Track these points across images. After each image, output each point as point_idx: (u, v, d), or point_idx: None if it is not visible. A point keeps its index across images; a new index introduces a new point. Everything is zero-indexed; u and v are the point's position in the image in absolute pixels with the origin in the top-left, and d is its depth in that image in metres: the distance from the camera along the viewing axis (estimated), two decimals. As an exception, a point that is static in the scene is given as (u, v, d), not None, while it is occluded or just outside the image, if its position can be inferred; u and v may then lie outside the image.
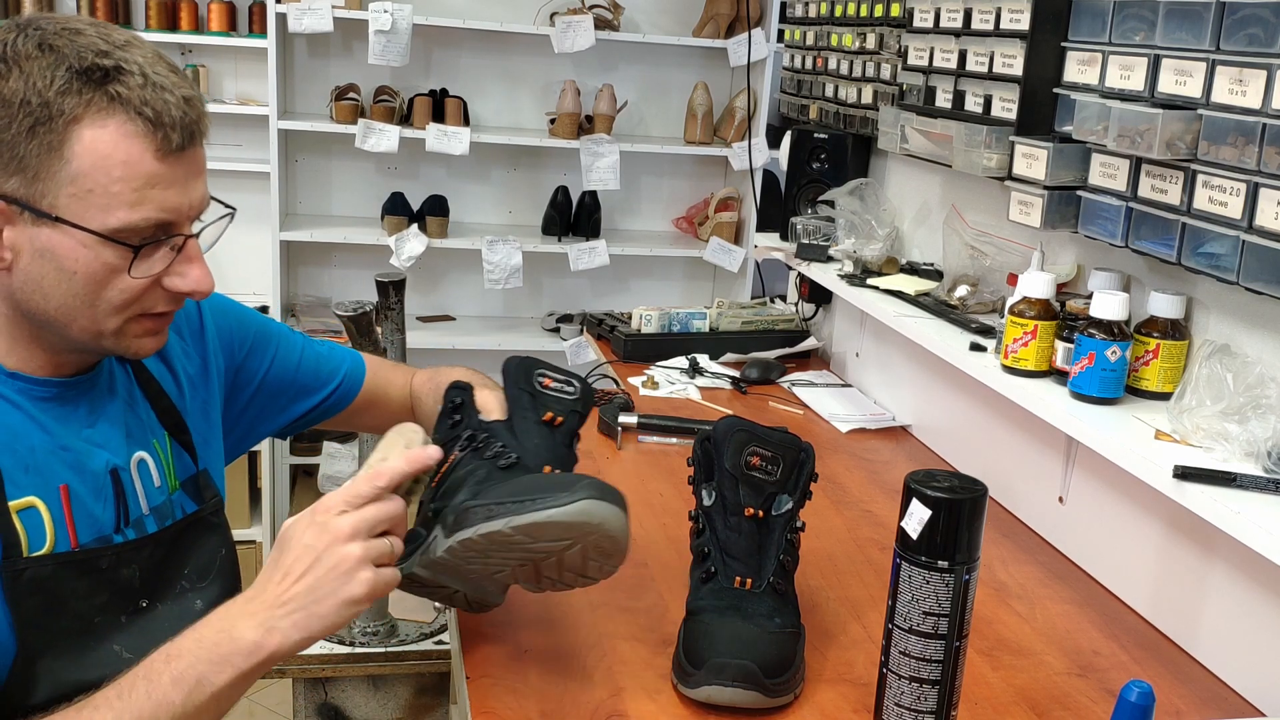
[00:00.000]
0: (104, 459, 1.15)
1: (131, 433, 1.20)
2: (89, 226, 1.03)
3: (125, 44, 1.05)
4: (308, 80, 3.76)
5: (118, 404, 1.19)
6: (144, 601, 1.16)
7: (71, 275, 1.05)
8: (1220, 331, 1.46)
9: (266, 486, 3.69)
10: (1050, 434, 1.69)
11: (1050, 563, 1.67)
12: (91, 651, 1.11)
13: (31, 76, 1.01)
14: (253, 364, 1.40)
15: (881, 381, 2.33)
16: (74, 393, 1.15)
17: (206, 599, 1.22)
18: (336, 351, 1.51)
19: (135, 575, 1.16)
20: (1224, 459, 1.33)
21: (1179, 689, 1.36)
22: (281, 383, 1.44)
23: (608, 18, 3.65)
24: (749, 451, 1.27)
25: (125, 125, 1.03)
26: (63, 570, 1.09)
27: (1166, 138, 1.39)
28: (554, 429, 1.31)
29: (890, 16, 2.26)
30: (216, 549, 1.26)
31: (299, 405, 1.47)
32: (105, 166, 1.02)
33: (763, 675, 1.18)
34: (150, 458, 1.21)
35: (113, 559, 1.14)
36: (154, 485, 1.20)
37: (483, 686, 1.24)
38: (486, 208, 3.96)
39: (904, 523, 1.12)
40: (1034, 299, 1.61)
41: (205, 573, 1.23)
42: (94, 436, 1.15)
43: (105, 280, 1.06)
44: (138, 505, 1.18)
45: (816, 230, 2.35)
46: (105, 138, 1.02)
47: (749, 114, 3.71)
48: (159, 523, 1.20)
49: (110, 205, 1.03)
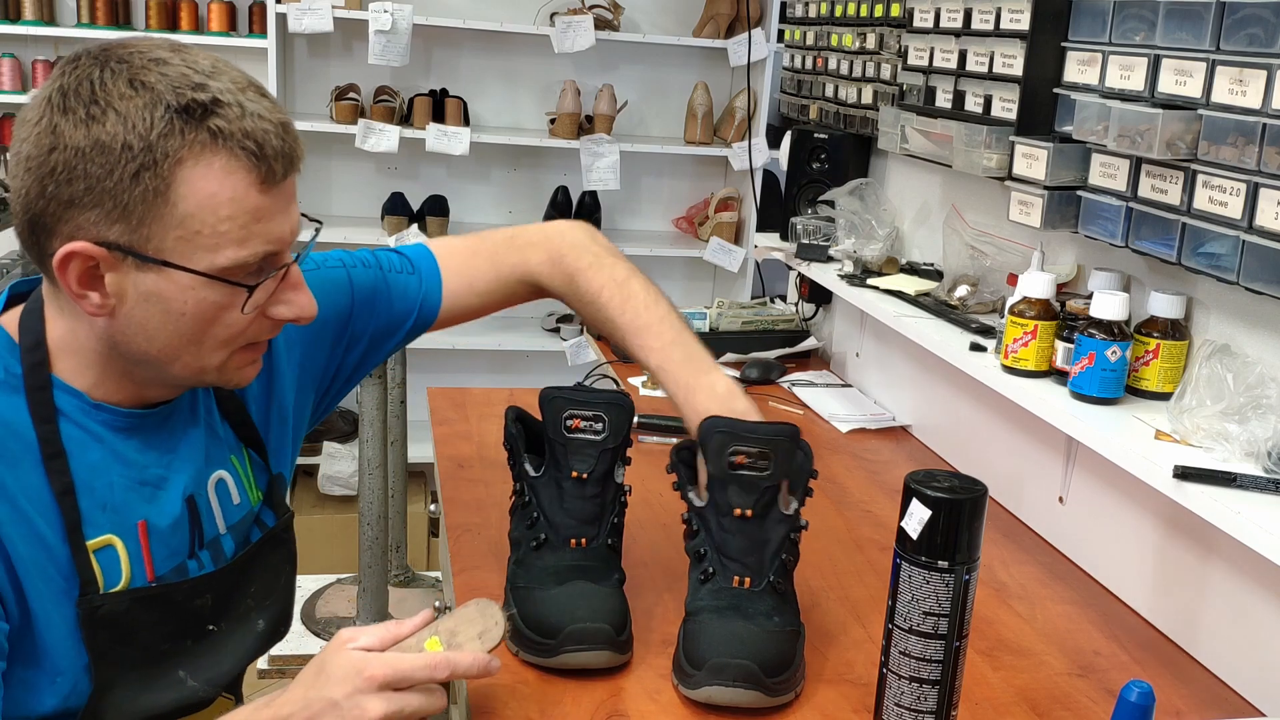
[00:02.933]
0: (181, 486, 1.13)
1: (210, 455, 1.17)
2: (198, 269, 1.00)
3: (214, 72, 1.00)
4: (308, 80, 3.76)
5: (199, 429, 1.17)
6: (211, 626, 1.16)
7: (180, 317, 1.02)
8: (1220, 331, 1.46)
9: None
10: (1050, 434, 1.69)
11: (1050, 563, 1.67)
12: (157, 678, 1.11)
13: (129, 118, 0.96)
14: (337, 332, 1.33)
15: (881, 381, 2.33)
16: (154, 421, 1.12)
17: (268, 618, 1.22)
18: (411, 279, 1.39)
19: (209, 603, 1.15)
20: (1224, 459, 1.33)
21: (1179, 689, 1.36)
22: (367, 336, 1.36)
23: (608, 18, 3.65)
24: (731, 452, 1.25)
25: (230, 162, 0.98)
26: (138, 605, 1.08)
27: (1166, 138, 1.39)
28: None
29: (890, 16, 2.26)
30: (281, 566, 1.24)
31: (381, 351, 1.39)
32: (212, 206, 0.98)
33: (763, 675, 1.19)
34: (229, 476, 1.19)
35: (189, 591, 1.12)
36: (232, 503, 1.19)
37: (483, 686, 1.24)
38: (486, 208, 3.96)
39: (904, 523, 1.12)
40: (1034, 299, 1.61)
41: (270, 591, 1.22)
42: (174, 464, 1.13)
43: (214, 318, 1.03)
44: (214, 526, 1.16)
45: (816, 230, 2.35)
46: (212, 177, 0.98)
47: (749, 114, 3.71)
48: (236, 540, 1.18)
49: (219, 245, 1.00)
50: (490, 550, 1.53)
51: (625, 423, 1.33)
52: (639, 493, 1.73)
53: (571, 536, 1.30)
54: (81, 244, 0.98)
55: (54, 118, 0.97)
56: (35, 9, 3.52)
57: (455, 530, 1.62)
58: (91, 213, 0.97)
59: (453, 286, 1.40)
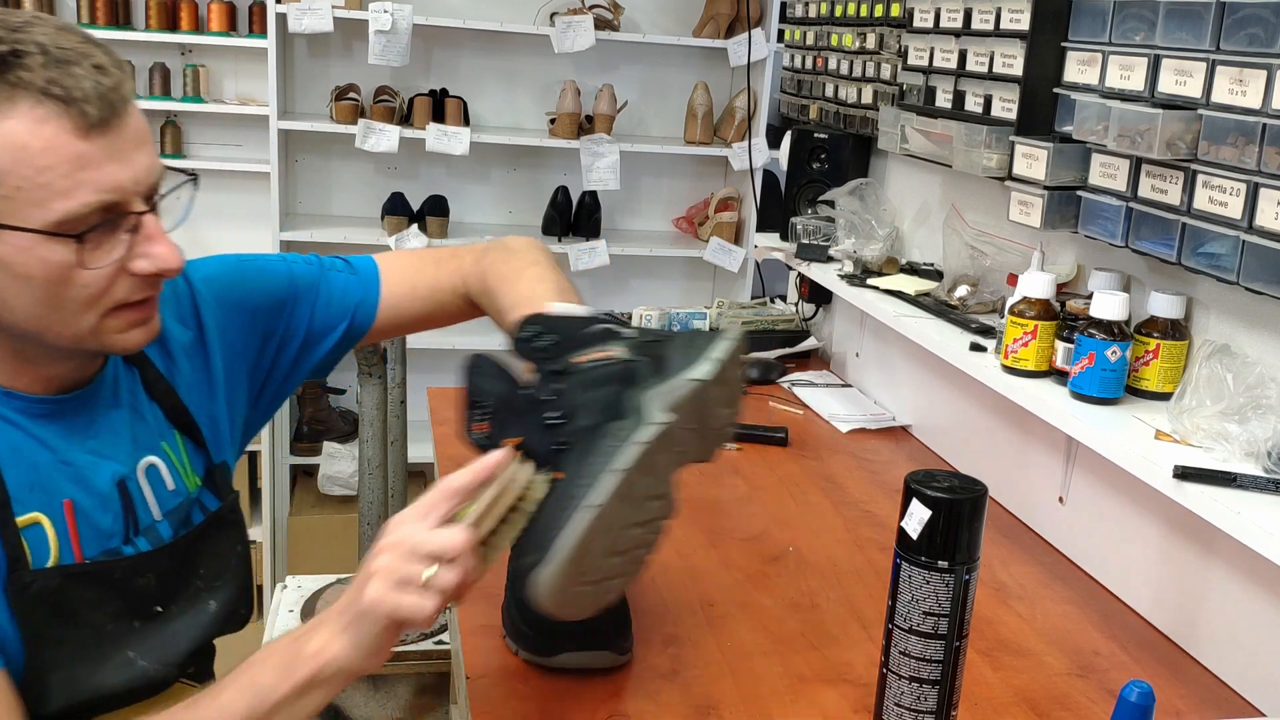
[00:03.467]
0: (109, 471, 1.12)
1: (139, 439, 1.16)
2: (29, 226, 0.96)
3: (24, 25, 0.97)
4: (308, 80, 3.76)
5: (122, 412, 1.15)
6: (159, 607, 1.14)
7: (29, 280, 0.99)
8: (1220, 331, 1.46)
9: (266, 486, 3.69)
10: (1050, 434, 1.69)
11: (1050, 563, 1.67)
12: (106, 659, 1.09)
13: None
14: (273, 323, 1.31)
15: (881, 381, 2.33)
16: (72, 407, 1.11)
17: (220, 599, 1.20)
18: (350, 278, 1.38)
19: (151, 583, 1.14)
20: (1224, 459, 1.33)
21: (1179, 689, 1.36)
22: (304, 330, 1.34)
23: (608, 18, 3.65)
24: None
25: (35, 110, 0.95)
26: (72, 582, 1.07)
27: (1166, 138, 1.39)
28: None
29: (890, 16, 2.26)
30: (231, 546, 1.23)
31: (320, 348, 1.37)
32: (26, 158, 0.95)
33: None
34: (161, 461, 1.17)
35: (127, 569, 1.11)
36: (166, 489, 1.17)
37: (483, 686, 1.24)
38: (486, 208, 3.96)
39: (904, 523, 1.12)
40: (1034, 299, 1.61)
41: (220, 572, 1.21)
42: (99, 449, 1.12)
43: (63, 278, 0.99)
44: (148, 513, 1.15)
45: (816, 230, 2.35)
46: (20, 129, 0.95)
47: (749, 114, 3.71)
48: (175, 526, 1.17)
49: (45, 199, 0.96)
50: (490, 550, 1.53)
51: None
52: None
53: None
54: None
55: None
56: (35, 9, 3.52)
57: (455, 530, 1.62)
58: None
59: (393, 288, 1.39)
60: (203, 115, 3.71)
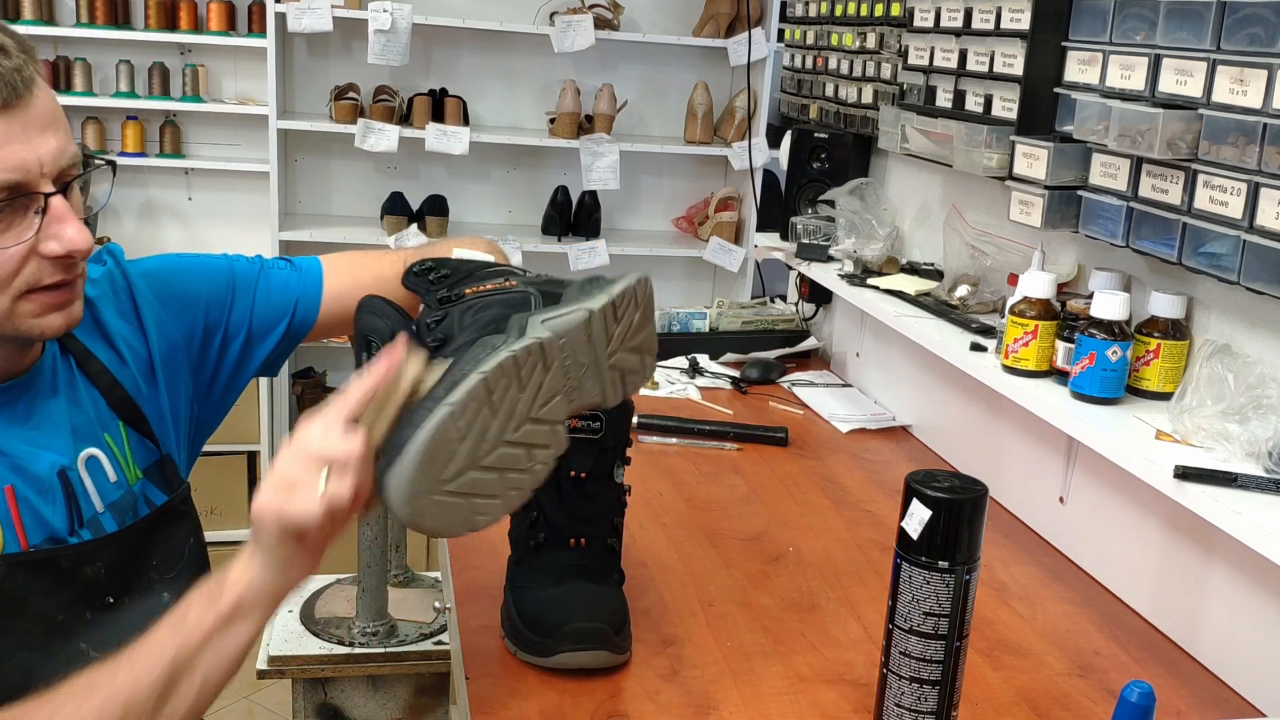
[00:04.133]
0: (49, 461, 1.11)
1: (78, 430, 1.15)
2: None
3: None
4: (307, 80, 3.76)
5: (59, 402, 1.15)
6: (110, 598, 1.13)
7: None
8: (1221, 331, 1.46)
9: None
10: (1051, 434, 1.69)
11: (1051, 563, 1.67)
12: (57, 651, 1.08)
13: None
14: (215, 316, 1.31)
15: (882, 381, 2.33)
16: (7, 397, 1.10)
17: (174, 590, 1.18)
18: (291, 272, 1.39)
19: (100, 572, 1.13)
20: (1225, 459, 1.33)
21: (1179, 689, 1.35)
22: (248, 324, 1.34)
23: (608, 17, 3.65)
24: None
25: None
26: (18, 571, 1.06)
27: (1167, 137, 1.39)
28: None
29: (890, 16, 2.26)
30: (185, 538, 1.22)
31: (266, 342, 1.36)
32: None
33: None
34: (102, 453, 1.17)
35: (74, 558, 1.10)
36: (109, 481, 1.16)
37: (483, 686, 1.24)
38: (486, 207, 3.96)
39: (904, 523, 1.11)
40: (1034, 299, 1.61)
41: (173, 563, 1.20)
42: (36, 439, 1.11)
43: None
44: (90, 505, 1.14)
45: (817, 230, 2.35)
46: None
47: (749, 114, 3.71)
48: (119, 518, 1.16)
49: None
50: (490, 550, 1.53)
51: (624, 422, 1.33)
52: (639, 493, 1.73)
53: (571, 536, 1.30)
54: None
55: None
56: (35, 9, 3.52)
57: (455, 530, 1.62)
58: None
59: (335, 280, 1.38)
60: (202, 115, 3.71)
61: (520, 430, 1.03)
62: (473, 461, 1.00)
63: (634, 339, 1.11)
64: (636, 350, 1.13)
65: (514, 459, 1.03)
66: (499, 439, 1.01)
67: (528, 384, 1.02)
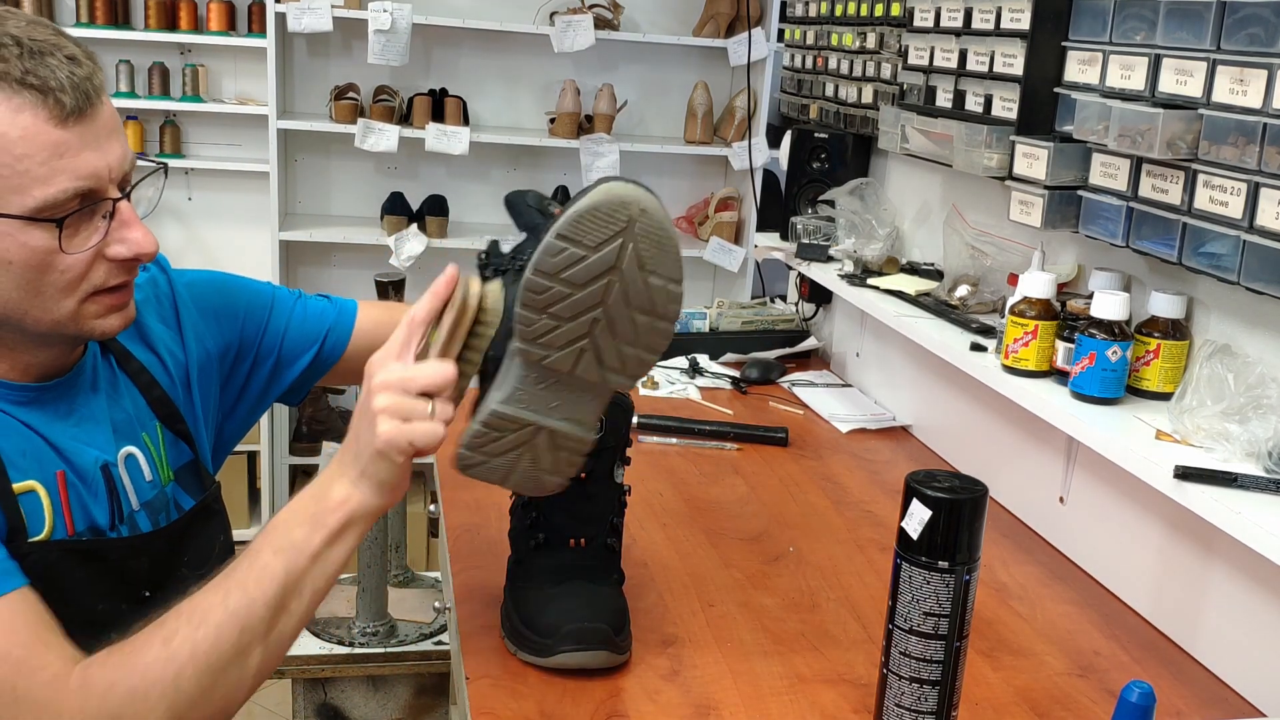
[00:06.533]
0: (93, 456, 1.13)
1: (118, 428, 1.17)
2: (9, 212, 1.00)
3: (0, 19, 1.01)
4: (307, 80, 3.76)
5: (100, 400, 1.17)
6: (146, 592, 1.15)
7: (8, 266, 1.02)
8: (1221, 331, 1.46)
9: (266, 486, 3.69)
10: (1051, 434, 1.69)
11: (1051, 563, 1.67)
12: (92, 640, 1.08)
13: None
14: (250, 334, 1.35)
15: (882, 381, 2.33)
16: (52, 395, 1.12)
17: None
18: (327, 304, 1.43)
19: (144, 567, 1.15)
20: (1225, 459, 1.33)
21: (1179, 689, 1.35)
22: (279, 347, 1.38)
23: (608, 17, 3.65)
24: None
25: (12, 100, 0.98)
26: (68, 557, 1.08)
27: (1167, 137, 1.39)
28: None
29: (890, 16, 2.25)
30: (216, 535, 1.25)
31: (294, 368, 1.40)
32: (5, 146, 0.98)
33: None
34: (139, 451, 1.19)
35: (123, 551, 1.13)
36: (144, 480, 1.18)
37: (483, 686, 1.24)
38: (486, 207, 3.96)
39: (904, 523, 1.11)
40: (1035, 299, 1.61)
41: (205, 560, 1.22)
42: (79, 435, 1.13)
43: (43, 264, 1.03)
44: (128, 502, 1.16)
45: (817, 230, 2.35)
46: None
47: (749, 114, 3.71)
48: (152, 517, 1.18)
49: (24, 185, 0.99)
50: (489, 550, 1.53)
51: (624, 422, 1.33)
52: (639, 493, 1.73)
53: (571, 536, 1.30)
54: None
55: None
56: (34, 9, 3.52)
57: (455, 530, 1.62)
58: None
59: (370, 317, 1.43)
60: (202, 115, 3.71)
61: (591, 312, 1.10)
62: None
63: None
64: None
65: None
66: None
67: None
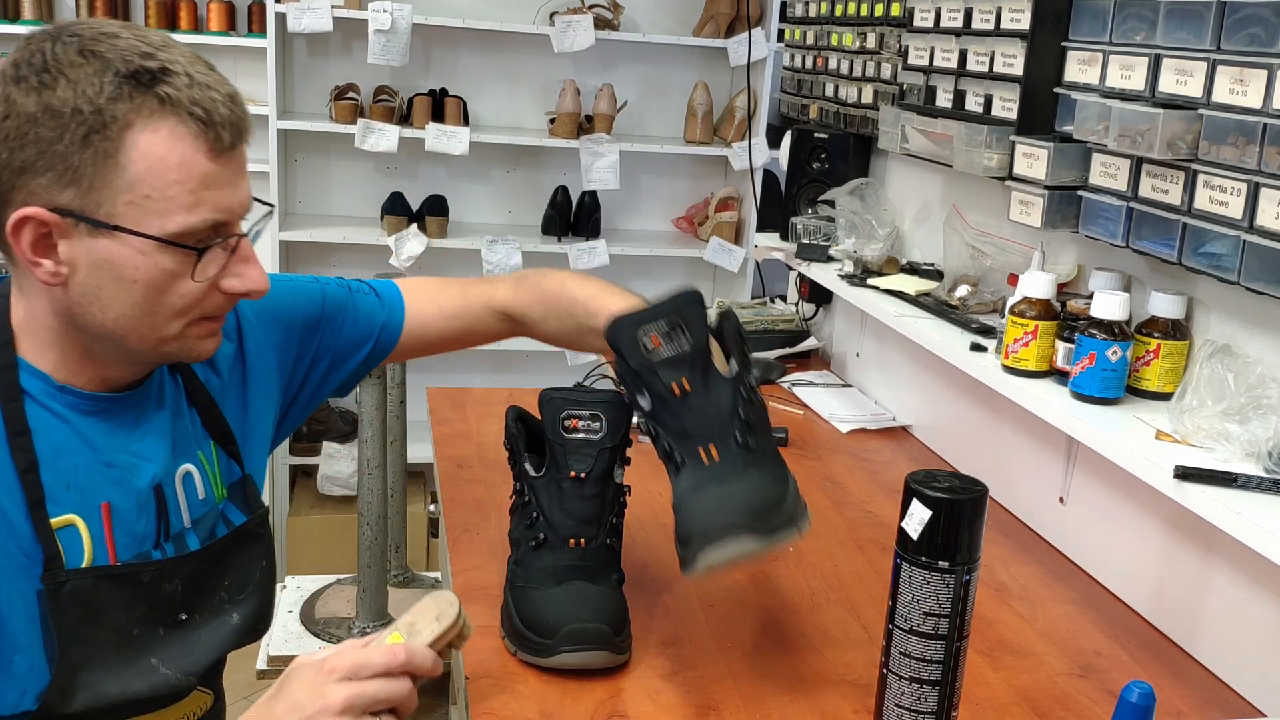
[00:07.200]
0: (149, 474, 1.14)
1: (178, 445, 1.18)
2: (148, 232, 1.02)
3: (164, 44, 1.04)
4: (307, 80, 3.76)
5: (165, 416, 1.18)
6: (183, 615, 1.16)
7: (131, 284, 1.04)
8: (1221, 331, 1.46)
9: (266, 487, 3.68)
10: (1051, 434, 1.69)
11: (1051, 563, 1.67)
12: (130, 664, 1.11)
13: (80, 84, 0.99)
14: (307, 339, 1.35)
15: (882, 381, 2.33)
16: (121, 406, 1.13)
17: (243, 613, 1.22)
18: (376, 302, 1.42)
19: (178, 589, 1.15)
20: (1225, 459, 1.33)
21: (1180, 689, 1.35)
22: (333, 349, 1.38)
23: (608, 17, 3.65)
24: (644, 336, 1.24)
25: (178, 127, 1.01)
26: (103, 583, 1.09)
27: (1167, 137, 1.39)
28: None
29: (890, 16, 2.25)
30: (258, 560, 1.24)
31: (346, 367, 1.40)
32: (161, 170, 1.01)
33: (752, 520, 1.18)
34: (196, 469, 1.19)
35: (155, 574, 1.13)
36: (198, 497, 1.19)
37: (483, 686, 1.24)
38: (486, 208, 3.96)
39: (904, 523, 1.11)
40: (1034, 299, 1.61)
41: (244, 585, 1.22)
42: (141, 450, 1.14)
43: (165, 286, 1.05)
44: (179, 519, 1.17)
45: (817, 230, 2.35)
46: (160, 141, 1.01)
47: (749, 114, 3.71)
48: (201, 536, 1.18)
49: (168, 209, 1.02)
50: (489, 550, 1.53)
51: (623, 422, 1.33)
52: (639, 493, 1.73)
53: (570, 536, 1.30)
54: (33, 209, 1.00)
55: (6, 88, 1.00)
56: (35, 9, 3.52)
57: (455, 530, 1.62)
58: (43, 178, 1.00)
59: (419, 307, 1.43)
60: (202, 115, 3.71)
61: None
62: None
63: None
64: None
65: None
66: None
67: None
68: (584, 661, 1.24)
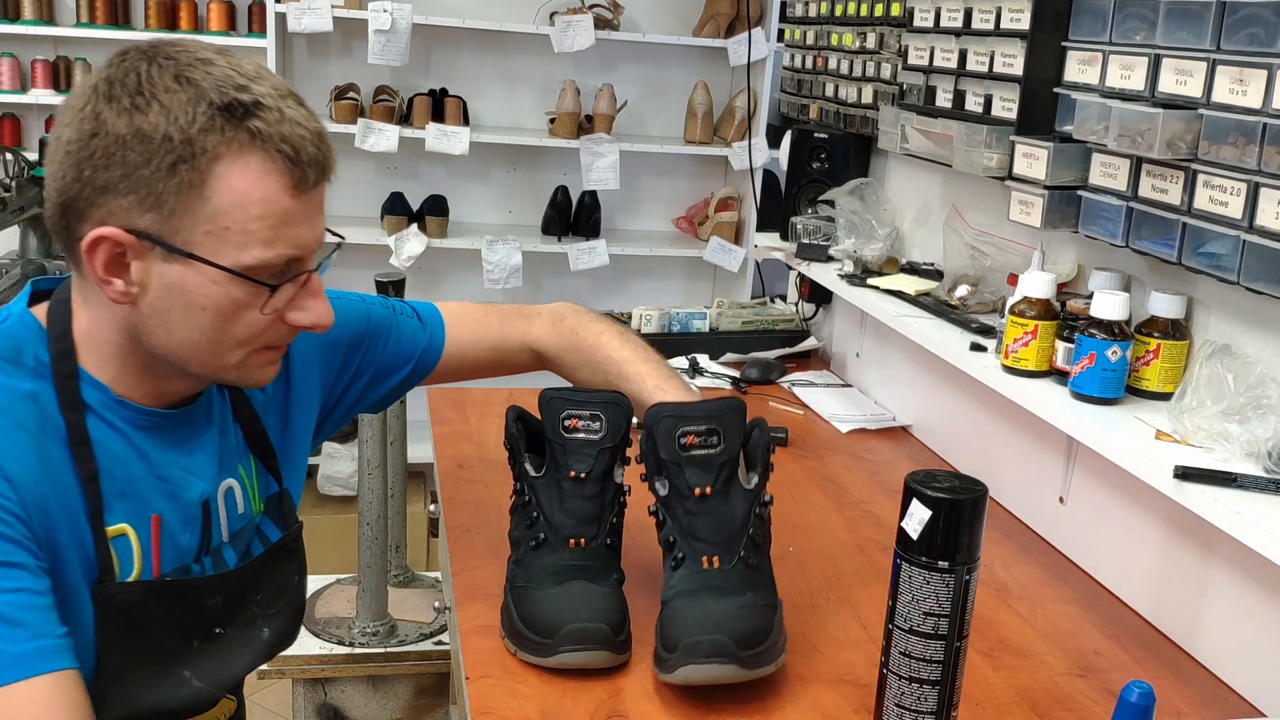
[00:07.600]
0: (199, 489, 1.14)
1: (223, 460, 1.19)
2: (223, 264, 1.01)
3: (257, 76, 1.03)
4: (307, 80, 3.76)
5: (213, 432, 1.18)
6: (218, 629, 1.16)
7: (200, 311, 1.03)
8: (1221, 331, 1.46)
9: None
10: (1051, 434, 1.69)
11: (1051, 563, 1.67)
12: (164, 676, 1.11)
13: (173, 111, 0.98)
14: (349, 358, 1.36)
15: (881, 381, 2.33)
16: (174, 423, 1.13)
17: (274, 627, 1.22)
18: (419, 326, 1.43)
19: (218, 604, 1.16)
20: (1224, 459, 1.33)
21: (1179, 689, 1.35)
22: (373, 369, 1.39)
23: (608, 17, 3.65)
24: (680, 433, 1.26)
25: (265, 163, 1.01)
26: (150, 597, 1.09)
27: (1167, 137, 1.39)
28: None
29: (890, 16, 2.25)
30: (290, 575, 1.25)
31: (383, 387, 1.41)
32: (244, 204, 1.00)
33: (736, 648, 1.18)
34: (237, 484, 1.20)
35: (200, 589, 1.13)
36: (237, 511, 1.20)
37: (483, 686, 1.24)
38: (486, 207, 3.96)
39: (904, 523, 1.11)
40: (1034, 299, 1.61)
41: (276, 600, 1.23)
42: (191, 466, 1.14)
43: (233, 315, 1.05)
44: (219, 533, 1.17)
45: (816, 230, 2.35)
46: (246, 176, 1.00)
47: (749, 114, 3.71)
48: (237, 550, 1.19)
49: (246, 243, 1.01)
50: (490, 550, 1.53)
51: (623, 422, 1.33)
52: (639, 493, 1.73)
53: (570, 536, 1.30)
54: (111, 229, 1.00)
55: (98, 105, 0.99)
56: (34, 9, 3.52)
57: (455, 530, 1.62)
58: (125, 199, 0.99)
59: (459, 337, 1.43)
60: (202, 115, 3.71)
61: None
62: None
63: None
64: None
65: None
66: None
67: None
68: (584, 661, 1.24)
